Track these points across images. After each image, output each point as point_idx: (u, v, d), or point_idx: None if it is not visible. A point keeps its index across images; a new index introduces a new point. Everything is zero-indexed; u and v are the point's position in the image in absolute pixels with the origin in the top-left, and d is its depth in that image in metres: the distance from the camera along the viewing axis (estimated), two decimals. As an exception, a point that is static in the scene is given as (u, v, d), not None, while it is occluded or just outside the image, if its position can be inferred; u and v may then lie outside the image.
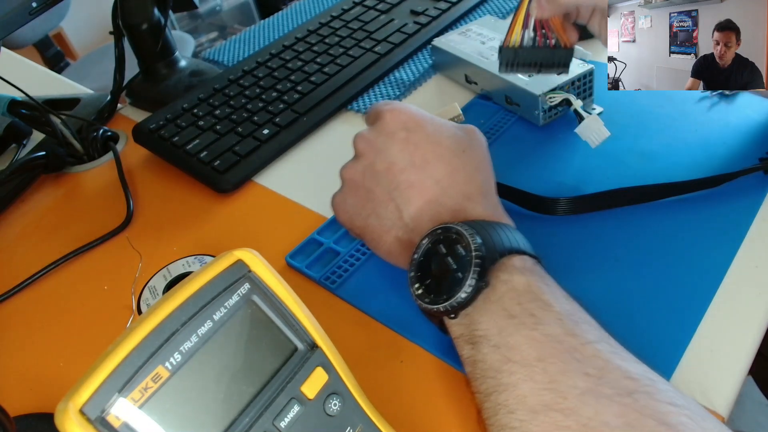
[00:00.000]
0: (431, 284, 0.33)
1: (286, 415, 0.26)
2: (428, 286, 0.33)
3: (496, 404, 0.28)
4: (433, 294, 0.32)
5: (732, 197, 0.43)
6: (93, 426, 0.21)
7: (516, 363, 0.28)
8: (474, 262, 0.31)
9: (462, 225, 0.33)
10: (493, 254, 0.31)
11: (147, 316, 0.24)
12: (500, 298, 0.31)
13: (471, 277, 0.31)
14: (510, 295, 0.30)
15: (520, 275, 0.31)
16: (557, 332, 0.29)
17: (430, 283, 0.33)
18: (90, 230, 0.51)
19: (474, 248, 0.31)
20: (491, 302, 0.31)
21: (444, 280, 0.32)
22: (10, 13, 0.51)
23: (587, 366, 0.27)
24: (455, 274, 0.31)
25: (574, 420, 0.26)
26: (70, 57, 1.95)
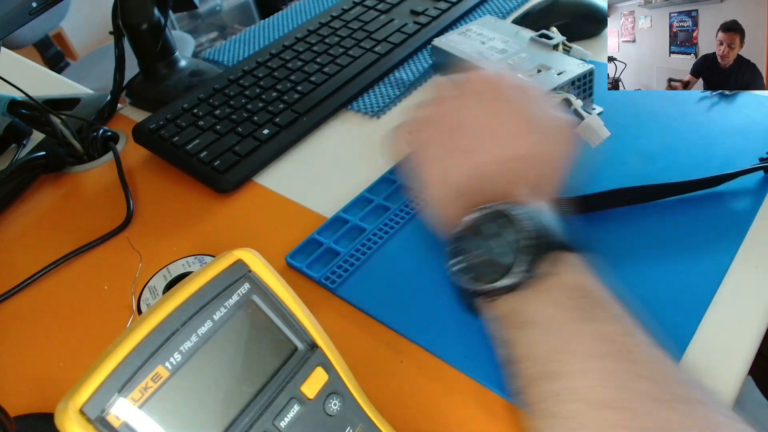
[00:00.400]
0: (473, 262, 0.32)
1: (286, 415, 0.26)
2: (470, 263, 0.32)
3: (545, 391, 0.28)
4: (473, 272, 0.31)
5: (732, 197, 0.43)
6: (93, 426, 0.21)
7: (570, 354, 0.28)
8: (525, 250, 0.30)
9: (516, 208, 0.32)
10: (545, 245, 0.31)
11: (147, 316, 0.24)
12: (550, 289, 0.30)
13: (520, 264, 0.30)
14: (560, 288, 0.30)
15: (572, 271, 0.31)
16: (611, 331, 0.28)
17: (472, 260, 0.32)
18: (90, 230, 0.51)
19: (527, 235, 0.30)
20: (540, 291, 0.30)
21: (488, 262, 0.31)
22: (10, 13, 0.51)
23: (643, 369, 0.27)
24: (502, 258, 0.31)
25: (632, 421, 0.25)
26: (70, 57, 1.95)
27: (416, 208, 0.40)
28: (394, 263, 0.43)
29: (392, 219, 0.46)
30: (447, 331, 0.38)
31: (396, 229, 0.45)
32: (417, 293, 0.41)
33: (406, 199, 0.48)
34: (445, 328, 0.38)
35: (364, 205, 0.48)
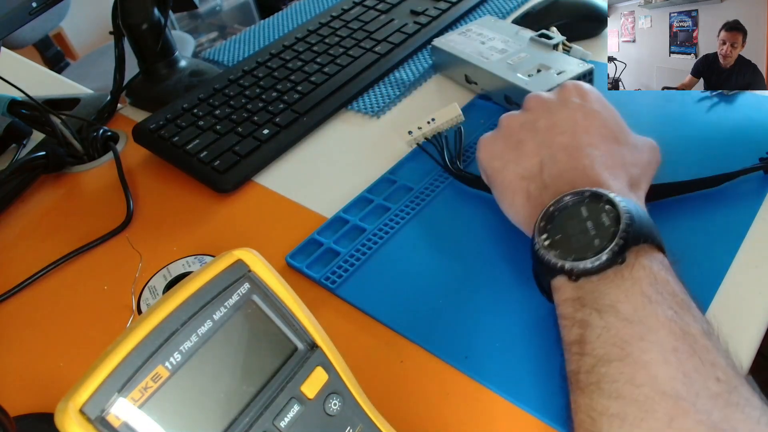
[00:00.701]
0: (559, 240, 0.33)
1: (286, 415, 0.25)
2: (560, 240, 0.33)
3: (620, 372, 0.28)
4: (561, 250, 0.32)
5: (732, 197, 0.43)
6: (93, 426, 0.21)
7: (652, 343, 0.28)
8: (620, 235, 0.30)
9: (615, 196, 0.32)
10: (638, 235, 0.31)
11: (147, 316, 0.23)
12: (637, 279, 0.30)
13: (611, 248, 0.30)
14: (648, 281, 0.30)
15: (660, 267, 0.31)
16: (694, 331, 0.29)
17: (559, 239, 0.33)
18: (90, 230, 0.51)
19: (624, 220, 0.31)
20: (625, 279, 0.30)
21: (576, 242, 0.32)
22: (10, 13, 0.51)
23: (719, 371, 0.28)
24: (592, 241, 0.31)
25: (704, 417, 0.26)
26: (70, 57, 1.95)
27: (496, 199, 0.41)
28: (394, 263, 0.43)
29: (392, 219, 0.46)
30: (447, 331, 0.38)
31: (396, 229, 0.45)
32: (417, 293, 0.41)
33: (407, 200, 0.48)
34: (445, 328, 0.38)
35: (364, 205, 0.48)
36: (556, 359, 0.35)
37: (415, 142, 0.52)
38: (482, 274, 0.41)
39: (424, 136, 0.52)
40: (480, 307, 0.39)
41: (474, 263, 0.42)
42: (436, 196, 0.48)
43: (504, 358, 0.36)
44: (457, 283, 0.41)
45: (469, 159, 0.50)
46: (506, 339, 0.37)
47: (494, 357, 0.36)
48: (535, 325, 0.37)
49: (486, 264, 0.42)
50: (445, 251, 0.43)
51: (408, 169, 0.51)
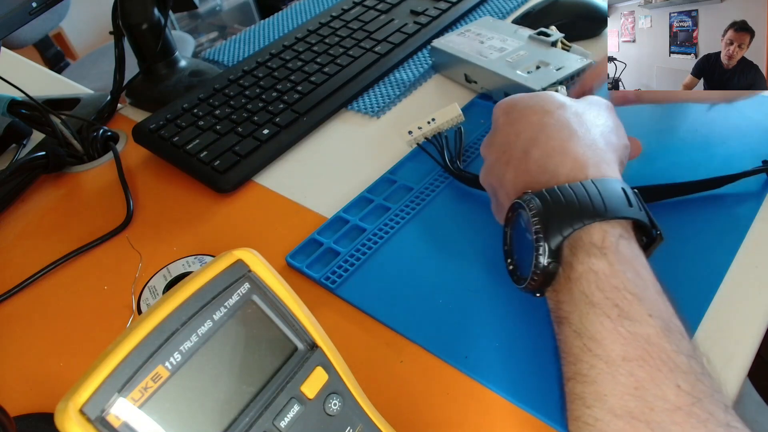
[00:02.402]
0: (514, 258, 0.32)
1: (286, 415, 0.25)
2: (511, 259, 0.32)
3: (572, 393, 0.27)
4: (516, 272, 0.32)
5: (732, 198, 0.43)
6: (93, 426, 0.21)
7: (597, 357, 0.26)
8: (539, 236, 0.29)
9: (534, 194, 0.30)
10: (561, 224, 0.28)
11: (147, 316, 0.23)
12: (579, 279, 0.28)
13: (539, 254, 0.29)
14: (589, 279, 0.28)
15: (600, 256, 0.28)
16: (647, 332, 0.26)
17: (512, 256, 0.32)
18: (90, 230, 0.51)
19: (535, 220, 0.29)
20: (571, 282, 0.28)
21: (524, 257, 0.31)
22: (10, 13, 0.51)
23: (679, 379, 0.25)
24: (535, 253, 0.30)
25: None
26: (70, 57, 1.95)
27: None
28: (394, 263, 0.43)
29: (392, 219, 0.46)
30: (447, 331, 0.38)
31: (396, 229, 0.45)
32: (417, 293, 0.41)
33: (407, 200, 0.48)
34: (445, 328, 0.38)
35: (364, 205, 0.48)
36: (556, 359, 0.35)
37: (415, 142, 0.52)
38: (482, 274, 0.41)
39: (424, 136, 0.52)
40: (480, 307, 0.39)
41: (474, 263, 0.42)
42: (436, 196, 0.48)
43: (504, 358, 0.36)
44: (457, 283, 0.41)
45: (469, 159, 0.50)
46: (506, 339, 0.37)
47: (494, 357, 0.36)
48: (535, 325, 0.37)
49: (486, 264, 0.42)
50: (445, 251, 0.43)
51: (408, 169, 0.51)
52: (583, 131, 0.34)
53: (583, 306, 0.28)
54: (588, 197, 0.29)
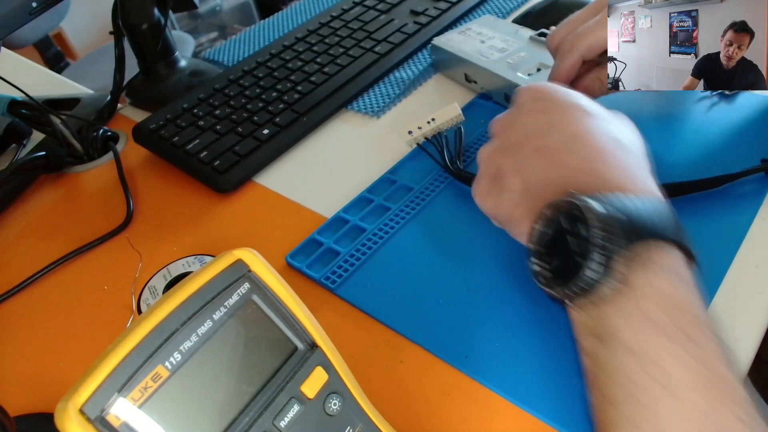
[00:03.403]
0: (553, 262, 0.29)
1: (286, 415, 0.26)
2: (549, 263, 0.29)
3: (625, 418, 0.25)
4: (552, 273, 0.29)
5: (732, 197, 0.43)
6: (93, 426, 0.21)
7: (659, 384, 0.24)
8: (597, 246, 0.26)
9: (588, 197, 0.28)
10: (624, 237, 0.26)
11: (147, 316, 0.24)
12: (639, 298, 0.26)
13: (592, 265, 0.26)
14: (653, 299, 0.26)
15: (664, 276, 0.27)
16: (712, 360, 0.24)
17: (551, 260, 0.29)
18: (90, 230, 0.51)
19: (596, 227, 0.26)
20: (627, 299, 0.26)
21: (566, 262, 0.28)
22: (10, 13, 0.51)
23: (741, 410, 0.24)
24: (576, 258, 0.27)
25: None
26: (70, 57, 1.95)
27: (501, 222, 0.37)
28: (394, 263, 0.43)
29: (392, 219, 0.46)
30: (447, 331, 0.38)
31: (396, 229, 0.45)
32: (417, 293, 0.41)
33: (407, 200, 0.48)
34: (445, 328, 0.38)
35: (364, 205, 0.48)
36: (556, 359, 0.35)
37: (415, 142, 0.52)
38: (482, 274, 0.41)
39: (424, 135, 0.52)
40: (480, 306, 0.39)
41: (474, 263, 0.42)
42: (436, 196, 0.48)
43: (504, 358, 0.36)
44: (457, 283, 0.41)
45: (469, 159, 0.50)
46: (506, 339, 0.37)
47: (494, 357, 0.36)
48: (535, 325, 0.37)
49: (486, 264, 0.42)
50: (445, 251, 0.43)
51: (408, 169, 0.51)
52: (629, 144, 0.34)
53: (640, 324, 0.26)
54: (652, 213, 0.28)
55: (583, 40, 0.42)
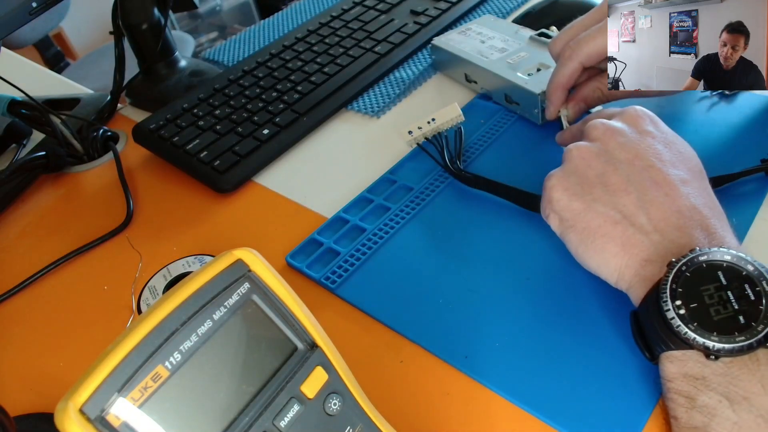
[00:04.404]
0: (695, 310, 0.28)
1: (286, 415, 0.25)
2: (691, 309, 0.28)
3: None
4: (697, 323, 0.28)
5: (732, 198, 0.43)
6: (93, 425, 0.21)
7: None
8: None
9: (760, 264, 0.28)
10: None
11: (147, 316, 0.23)
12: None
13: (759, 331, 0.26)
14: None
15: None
16: None
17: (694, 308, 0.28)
18: (90, 230, 0.51)
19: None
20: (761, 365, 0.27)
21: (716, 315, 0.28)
22: (10, 13, 0.51)
23: None
24: (736, 317, 0.27)
25: None
26: (70, 57, 1.95)
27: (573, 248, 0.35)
28: (394, 263, 0.43)
29: (392, 219, 0.46)
30: (447, 331, 0.38)
31: (396, 229, 0.45)
32: (417, 293, 0.41)
33: (407, 200, 0.48)
34: (445, 328, 0.38)
35: (364, 205, 0.48)
36: (556, 359, 0.35)
37: (415, 142, 0.52)
38: (482, 274, 0.41)
39: (424, 136, 0.52)
40: (480, 307, 0.39)
41: (474, 263, 0.42)
42: (436, 196, 0.48)
43: (504, 358, 0.36)
44: (457, 283, 0.41)
45: (469, 159, 0.50)
46: (506, 339, 0.37)
47: (494, 357, 0.36)
48: (535, 325, 0.37)
49: (486, 264, 0.42)
50: (445, 251, 0.43)
51: (408, 169, 0.51)
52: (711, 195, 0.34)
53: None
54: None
55: (584, 47, 0.42)
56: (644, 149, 0.33)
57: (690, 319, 0.28)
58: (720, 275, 0.28)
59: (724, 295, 0.28)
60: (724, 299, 0.28)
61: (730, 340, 0.27)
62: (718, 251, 0.29)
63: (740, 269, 0.28)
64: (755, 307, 0.27)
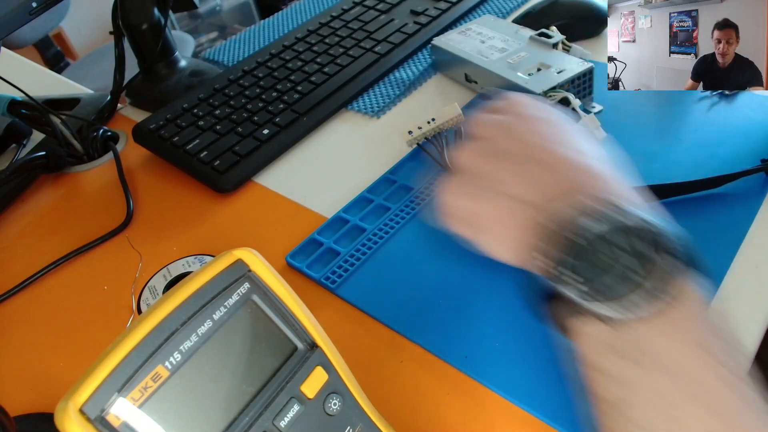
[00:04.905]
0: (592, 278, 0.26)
1: (286, 415, 0.26)
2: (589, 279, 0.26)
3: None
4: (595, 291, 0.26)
5: (732, 197, 0.43)
6: (93, 425, 0.21)
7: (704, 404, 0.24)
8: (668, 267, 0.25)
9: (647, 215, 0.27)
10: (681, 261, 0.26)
11: (147, 316, 0.24)
12: (687, 322, 0.25)
13: (655, 285, 0.25)
14: (700, 322, 0.26)
15: (697, 297, 0.26)
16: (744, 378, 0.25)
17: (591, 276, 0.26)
18: (90, 230, 0.51)
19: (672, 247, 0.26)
20: (673, 322, 0.25)
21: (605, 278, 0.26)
22: (10, 13, 0.51)
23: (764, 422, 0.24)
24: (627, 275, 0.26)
25: None
26: (70, 57, 1.95)
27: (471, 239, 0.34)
28: (394, 263, 0.43)
29: (392, 219, 0.46)
30: (447, 331, 0.38)
31: (396, 229, 0.45)
32: (417, 293, 0.41)
33: (407, 200, 0.48)
34: (445, 328, 0.38)
35: (364, 205, 0.48)
36: (556, 359, 0.35)
37: (415, 142, 0.52)
38: (482, 274, 0.41)
39: (424, 136, 0.52)
40: (480, 307, 0.39)
41: (474, 263, 0.42)
42: (436, 196, 0.48)
43: (504, 358, 0.36)
44: (457, 283, 0.41)
45: (469, 159, 0.50)
46: (506, 339, 0.37)
47: (494, 357, 0.36)
48: (535, 325, 0.37)
49: (486, 264, 0.42)
50: (445, 251, 0.43)
51: (408, 169, 0.51)
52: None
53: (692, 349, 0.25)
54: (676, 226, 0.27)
55: None
56: (528, 134, 0.33)
57: (580, 285, 0.26)
58: (612, 238, 0.27)
59: (618, 256, 0.26)
60: (620, 261, 0.26)
61: (628, 303, 0.25)
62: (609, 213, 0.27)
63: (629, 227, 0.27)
64: (650, 264, 0.26)
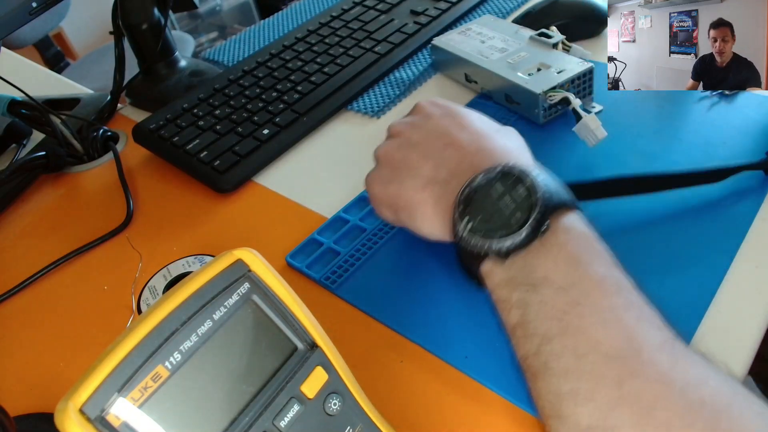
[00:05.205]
0: (480, 221, 0.32)
1: (286, 415, 0.26)
2: (477, 223, 0.32)
3: (563, 346, 0.28)
4: (483, 233, 0.31)
5: (732, 197, 0.43)
6: (93, 425, 0.21)
7: (586, 306, 0.28)
8: (539, 203, 0.30)
9: (525, 167, 0.32)
10: (555, 200, 0.31)
11: (147, 316, 0.24)
12: (564, 243, 0.30)
13: (534, 218, 0.30)
14: (575, 241, 0.30)
15: (581, 225, 0.31)
16: (627, 284, 0.29)
17: (480, 220, 0.32)
18: (90, 230, 0.51)
19: (540, 190, 0.31)
20: (552, 246, 0.30)
21: (498, 219, 0.31)
22: (10, 13, 0.51)
23: (657, 320, 0.28)
24: (513, 215, 0.31)
25: (653, 370, 0.26)
26: (70, 57, 1.95)
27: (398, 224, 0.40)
28: (394, 263, 0.43)
29: (392, 219, 0.46)
30: (447, 331, 0.38)
31: (396, 229, 0.45)
32: (417, 293, 0.41)
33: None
34: (445, 328, 0.38)
35: (364, 205, 0.48)
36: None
37: (415, 142, 0.52)
38: (482, 274, 0.41)
39: (424, 136, 0.52)
40: (480, 306, 0.39)
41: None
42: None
43: (504, 358, 0.36)
44: (457, 283, 0.41)
45: (469, 159, 0.50)
46: (506, 339, 0.37)
47: (494, 357, 0.36)
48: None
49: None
50: (445, 251, 0.43)
51: (408, 169, 0.51)
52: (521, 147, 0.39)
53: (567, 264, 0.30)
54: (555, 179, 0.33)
55: None
56: (434, 127, 0.39)
57: (474, 231, 0.32)
58: (497, 186, 0.32)
59: (502, 201, 0.32)
60: (503, 205, 0.32)
61: (515, 236, 0.30)
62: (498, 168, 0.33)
63: (511, 175, 0.32)
64: (529, 201, 0.31)
